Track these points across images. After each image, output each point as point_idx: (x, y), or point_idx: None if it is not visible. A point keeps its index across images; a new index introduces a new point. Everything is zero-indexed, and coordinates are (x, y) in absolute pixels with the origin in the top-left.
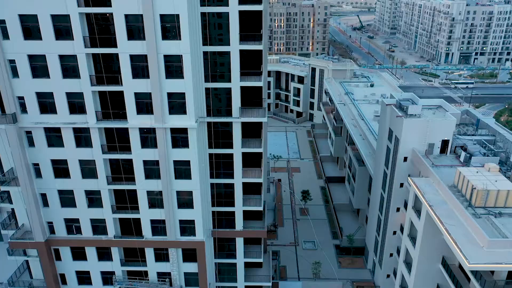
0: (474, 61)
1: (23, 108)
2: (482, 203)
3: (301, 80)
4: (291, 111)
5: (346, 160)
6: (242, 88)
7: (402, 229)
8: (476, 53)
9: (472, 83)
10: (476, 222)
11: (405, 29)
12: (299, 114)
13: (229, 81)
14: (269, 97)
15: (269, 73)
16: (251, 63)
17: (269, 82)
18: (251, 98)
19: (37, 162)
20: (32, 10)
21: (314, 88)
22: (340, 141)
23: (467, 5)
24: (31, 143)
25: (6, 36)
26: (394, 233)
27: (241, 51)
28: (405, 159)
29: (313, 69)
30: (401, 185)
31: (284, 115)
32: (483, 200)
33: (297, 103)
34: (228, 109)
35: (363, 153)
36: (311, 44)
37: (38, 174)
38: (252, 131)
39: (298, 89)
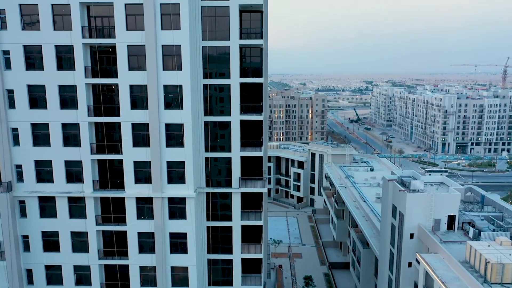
0: (470, 151)
1: (20, 177)
2: (499, 279)
3: (301, 165)
4: (292, 196)
5: (350, 244)
6: (242, 158)
7: None
8: (472, 143)
9: (446, 171)
10: None
11: (401, 121)
12: (299, 200)
13: (229, 151)
14: (269, 183)
15: (269, 158)
16: (252, 133)
17: (269, 168)
18: (251, 168)
19: (26, 234)
20: (41, 81)
21: (314, 173)
22: (343, 225)
23: (458, 98)
24: (23, 213)
25: (12, 105)
26: None
27: (242, 122)
28: (412, 236)
29: (313, 154)
30: (409, 264)
31: (285, 201)
32: (499, 275)
33: (297, 188)
34: (228, 180)
35: (367, 234)
36: (310, 134)
37: (27, 247)
38: (252, 203)
39: (298, 174)
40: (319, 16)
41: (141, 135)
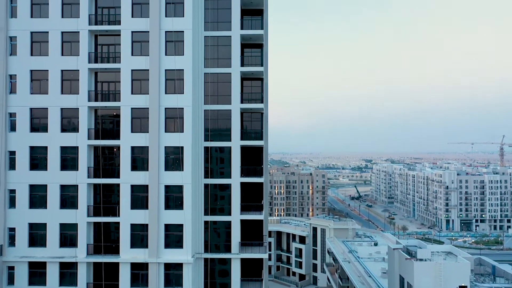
0: (476, 228)
1: (12, 240)
2: None
3: (302, 240)
4: (294, 274)
5: None
6: (242, 222)
7: None
8: (477, 220)
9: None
10: None
11: (402, 198)
12: (301, 277)
13: (229, 214)
14: (270, 259)
15: (269, 233)
16: (252, 197)
17: (269, 243)
18: (251, 233)
19: None
20: (43, 143)
21: (316, 248)
22: None
23: (458, 174)
24: (10, 281)
25: (13, 166)
26: None
27: (242, 184)
28: None
29: (314, 229)
30: None
31: (286, 278)
32: None
33: (299, 265)
34: (227, 244)
35: None
36: (311, 210)
37: None
38: (252, 270)
39: (300, 250)
40: (317, 98)
41: (139, 197)
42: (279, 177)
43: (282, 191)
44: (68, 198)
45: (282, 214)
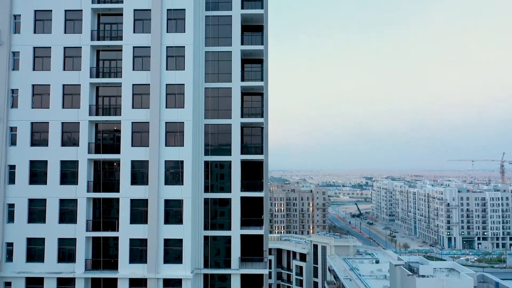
0: (478, 246)
1: (9, 256)
2: None
3: (303, 257)
4: None
5: None
6: (242, 237)
7: None
8: (479, 238)
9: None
10: None
11: (403, 215)
12: None
13: (229, 229)
14: (270, 277)
15: (270, 251)
16: (252, 211)
17: (270, 261)
18: (251, 248)
19: None
20: (43, 157)
21: (317, 266)
22: None
23: (459, 191)
24: None
25: (12, 180)
26: None
27: (242, 199)
28: None
29: (315, 246)
30: None
31: None
32: None
33: (300, 283)
34: (227, 260)
35: None
36: (311, 228)
37: None
38: (252, 287)
39: (301, 267)
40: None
41: (139, 211)
42: (279, 194)
43: (282, 208)
44: (67, 213)
45: (282, 231)
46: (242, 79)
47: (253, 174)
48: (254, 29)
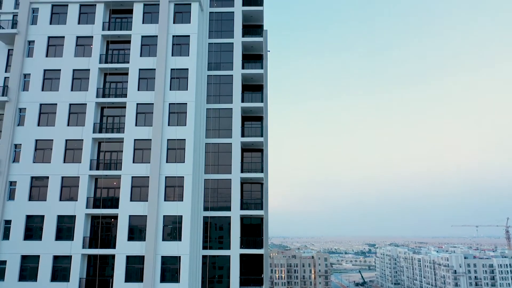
0: None
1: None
2: None
3: None
4: None
5: None
6: None
7: None
8: None
9: None
10: None
11: (409, 283)
12: None
13: (228, 287)
14: None
15: None
16: (252, 270)
17: None
18: None
19: None
20: (40, 212)
21: None
22: None
23: (465, 258)
24: None
25: (6, 236)
26: None
27: (242, 256)
28: None
29: None
30: None
31: None
32: None
33: None
34: None
35: None
36: None
37: None
38: None
39: None
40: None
41: (134, 269)
42: (279, 260)
43: (283, 275)
44: (60, 270)
45: None
46: (243, 135)
47: (253, 230)
48: (254, 88)
